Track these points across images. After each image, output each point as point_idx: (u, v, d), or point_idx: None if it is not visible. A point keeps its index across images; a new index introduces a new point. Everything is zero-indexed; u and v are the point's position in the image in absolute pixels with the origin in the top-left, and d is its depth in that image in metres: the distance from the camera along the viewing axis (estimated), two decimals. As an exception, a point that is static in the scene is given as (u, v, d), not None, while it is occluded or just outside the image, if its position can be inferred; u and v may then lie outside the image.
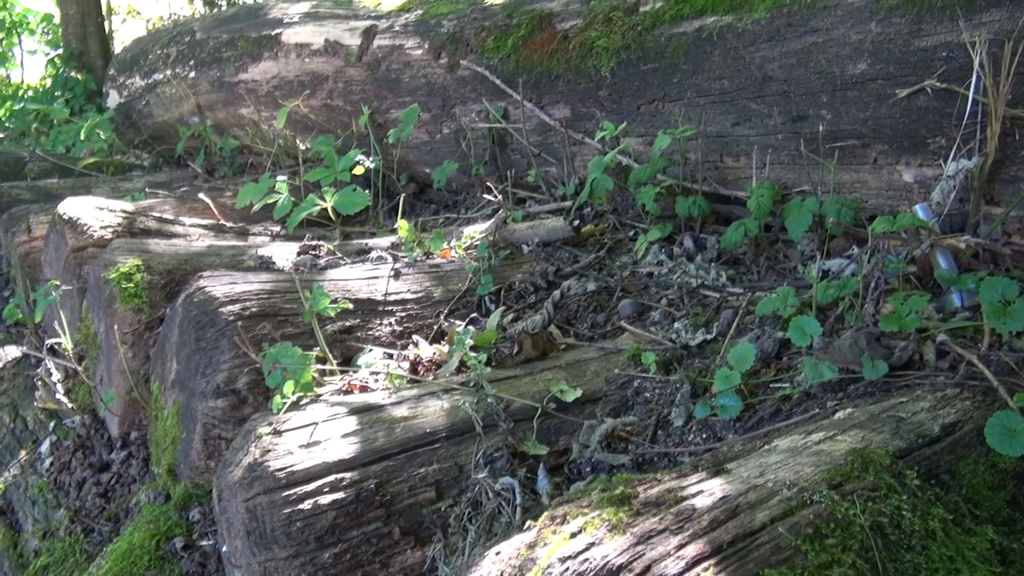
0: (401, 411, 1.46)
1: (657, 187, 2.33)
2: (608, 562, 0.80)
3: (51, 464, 2.25)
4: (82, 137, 5.38)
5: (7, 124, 8.53)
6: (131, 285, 2.20)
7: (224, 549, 1.51)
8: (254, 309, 1.83)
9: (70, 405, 1.97)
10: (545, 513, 0.96)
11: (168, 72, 4.99)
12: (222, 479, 1.41)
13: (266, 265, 2.46)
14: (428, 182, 3.98)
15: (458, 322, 2.02)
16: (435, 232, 2.36)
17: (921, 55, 1.91)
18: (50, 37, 10.67)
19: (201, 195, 3.67)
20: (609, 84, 2.83)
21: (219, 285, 1.88)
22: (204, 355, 1.78)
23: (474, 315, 2.07)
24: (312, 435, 1.36)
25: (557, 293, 2.00)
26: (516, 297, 2.16)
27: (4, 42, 11.10)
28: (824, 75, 2.13)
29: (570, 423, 1.54)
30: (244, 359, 1.76)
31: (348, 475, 1.31)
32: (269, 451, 1.33)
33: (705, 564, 0.80)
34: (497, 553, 0.94)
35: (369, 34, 3.97)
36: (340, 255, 2.54)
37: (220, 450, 1.77)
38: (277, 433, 1.36)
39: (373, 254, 2.53)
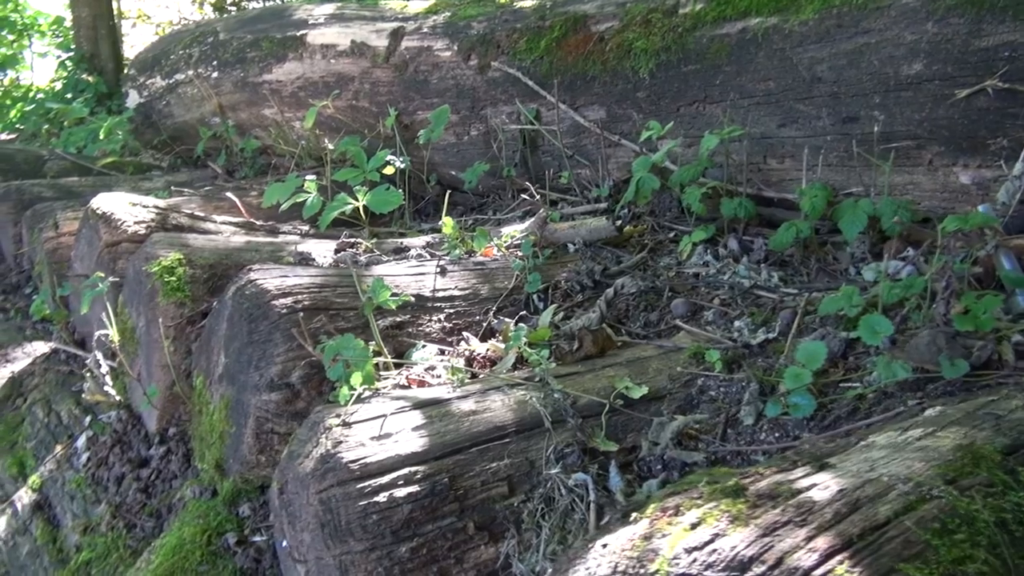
0: (468, 405, 1.43)
1: (703, 187, 2.31)
2: (738, 553, 0.78)
3: (88, 459, 2.22)
4: (101, 136, 5.37)
5: (18, 125, 8.52)
6: (173, 279, 2.17)
7: (284, 544, 1.48)
8: (306, 302, 1.81)
9: (117, 397, 1.94)
10: (652, 505, 0.93)
11: (190, 72, 4.98)
12: (288, 471, 1.38)
13: (306, 261, 2.44)
14: (454, 185, 3.96)
15: (507, 319, 2.00)
16: (479, 230, 2.34)
17: (981, 55, 1.89)
18: (61, 40, 10.66)
19: (228, 193, 3.65)
20: (648, 86, 2.82)
21: (270, 278, 1.86)
22: (257, 348, 1.75)
23: (523, 313, 2.05)
24: (382, 427, 1.34)
25: (610, 291, 1.98)
26: (563, 296, 2.14)
27: (15, 44, 11.10)
28: (877, 76, 2.12)
29: (636, 420, 1.51)
30: (298, 352, 1.74)
31: (421, 468, 1.28)
32: (341, 442, 1.30)
33: (839, 557, 0.77)
34: (604, 545, 0.92)
35: (397, 36, 3.96)
36: (379, 253, 2.52)
37: (272, 445, 1.74)
38: (346, 425, 1.34)
39: (412, 252, 2.51)
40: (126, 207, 2.82)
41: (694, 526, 0.83)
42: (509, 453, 1.37)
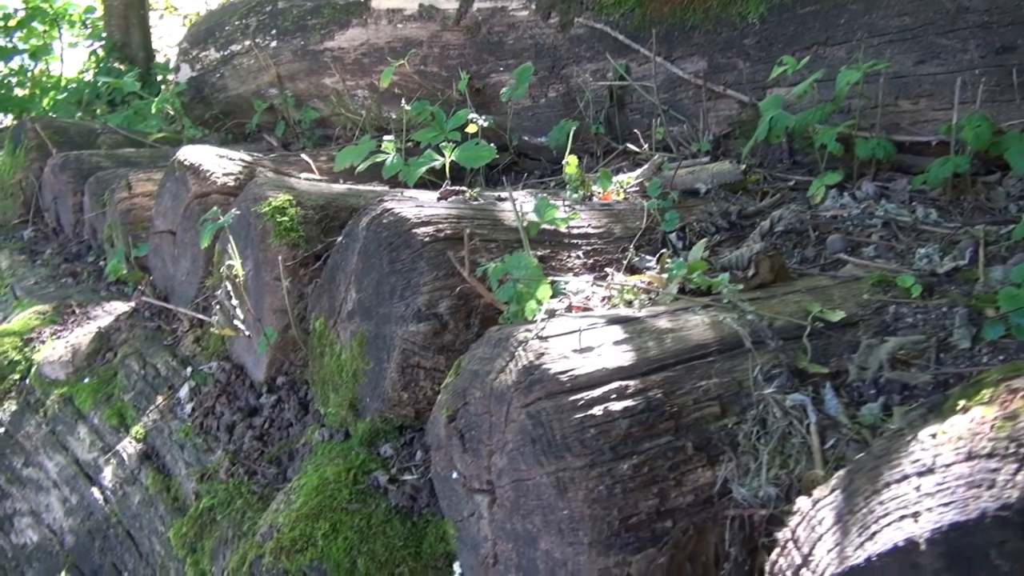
0: (663, 323, 1.31)
1: (838, 127, 2.18)
2: None
3: (193, 409, 2.12)
4: (153, 111, 5.30)
5: (51, 114, 8.47)
6: (286, 219, 2.07)
7: (454, 476, 1.37)
8: (448, 231, 1.69)
9: (247, 333, 1.84)
10: (984, 392, 0.81)
11: (247, 43, 4.89)
12: (472, 391, 1.26)
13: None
14: (525, 150, 3.85)
15: (649, 256, 1.88)
16: (602, 172, 2.23)
17: None
18: (90, 31, 10.63)
19: (303, 155, 3.55)
20: (758, 31, 2.69)
21: (407, 208, 1.75)
22: (400, 277, 1.64)
23: (663, 251, 1.93)
24: (580, 342, 1.22)
25: (765, 223, 1.86)
26: (697, 236, 2.02)
27: (45, 34, 11.08)
28: (1038, 1, 1.98)
29: (835, 345, 1.39)
30: (445, 283, 1.62)
31: (632, 383, 1.17)
32: (543, 354, 1.18)
33: None
34: (933, 436, 0.80)
35: (469, -4, 3.85)
36: (485, 201, 2.41)
37: (417, 380, 1.63)
38: (542, 339, 1.22)
39: (519, 196, 2.40)
40: (214, 159, 2.73)
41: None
42: (716, 372, 1.25)
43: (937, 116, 2.26)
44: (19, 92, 9.93)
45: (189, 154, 2.72)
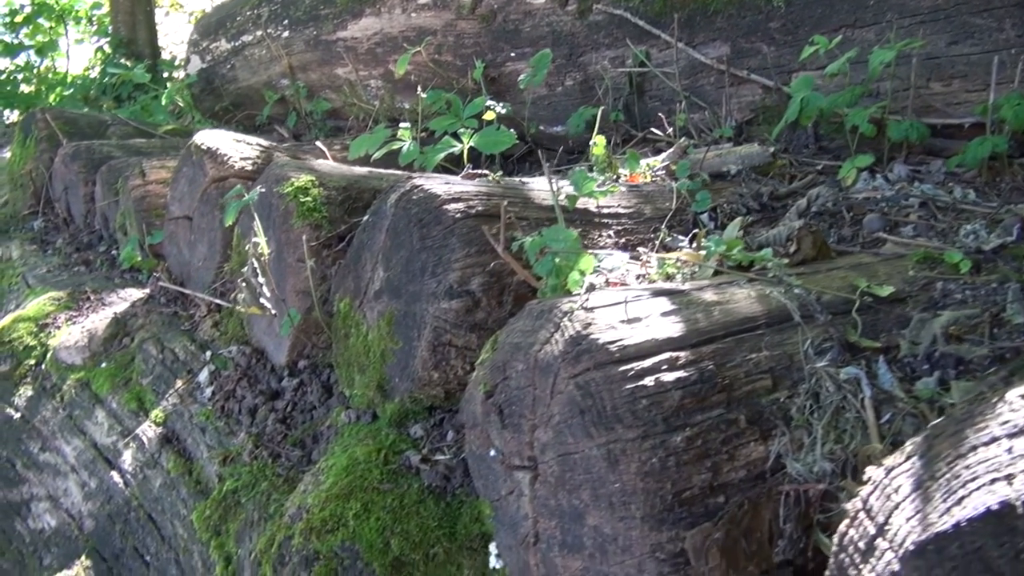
0: (709, 295, 1.28)
1: (870, 108, 2.13)
2: None
3: (213, 393, 2.08)
4: (163, 102, 5.26)
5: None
6: (308, 199, 2.03)
7: (492, 453, 1.33)
8: (479, 208, 1.66)
9: (273, 311, 1.80)
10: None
11: (259, 33, 4.86)
12: (514, 365, 1.23)
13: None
14: (540, 140, 3.81)
15: (681, 236, 1.84)
16: (630, 153, 2.19)
17: None
18: (96, 28, 10.60)
19: (318, 143, 3.52)
20: (783, 14, 2.65)
21: (436, 184, 1.71)
22: (431, 254, 1.60)
23: (695, 231, 1.89)
24: (627, 312, 1.18)
25: (802, 201, 1.82)
26: (728, 217, 1.98)
27: (52, 31, 11.05)
28: (1078, -22, 1.94)
29: (884, 320, 1.35)
30: (477, 259, 1.59)
31: (682, 354, 1.13)
32: (590, 324, 1.14)
33: None
34: (1022, 396, 0.76)
35: (485, -16, 3.81)
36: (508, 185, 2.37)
37: (448, 359, 1.59)
38: (587, 309, 1.18)
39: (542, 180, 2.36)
40: (231, 143, 2.69)
41: None
42: (766, 345, 1.21)
43: (970, 98, 2.22)
44: (25, 88, 9.91)
45: (206, 138, 2.69)
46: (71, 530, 2.01)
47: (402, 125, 3.35)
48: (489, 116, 3.26)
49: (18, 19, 10.45)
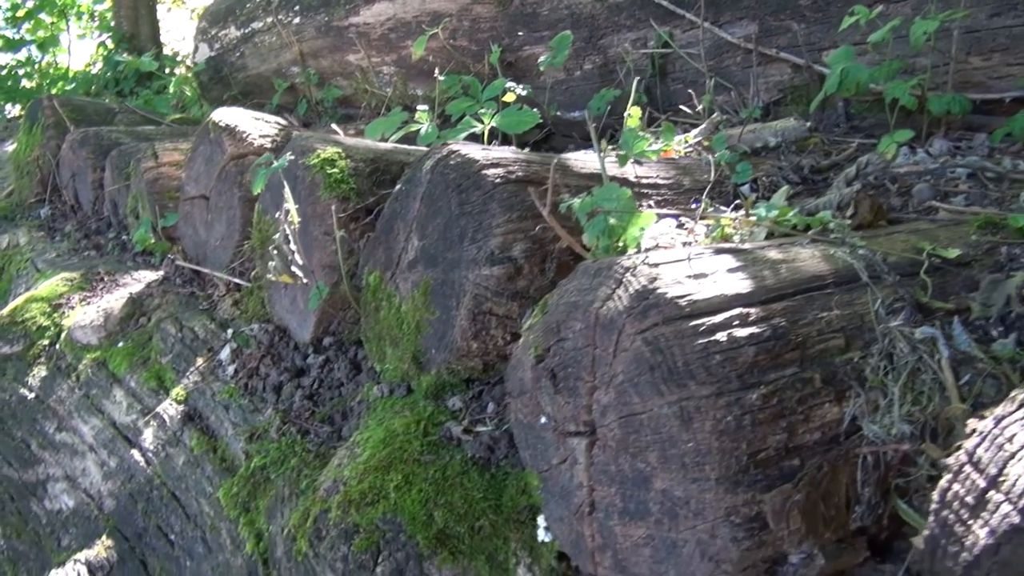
0: (773, 254, 1.22)
1: (910, 81, 2.08)
2: None
3: (236, 371, 2.02)
4: (171, 91, 5.21)
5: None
6: (336, 171, 1.97)
7: (543, 420, 1.27)
8: (519, 173, 1.60)
9: (304, 280, 1.74)
10: None
11: (269, 20, 4.80)
12: (571, 324, 1.17)
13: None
14: (557, 126, 3.75)
15: (723, 207, 1.79)
16: (665, 125, 2.13)
17: None
18: (98, 23, 10.54)
19: (333, 125, 3.47)
20: (814, -9, 2.59)
21: (474, 150, 1.65)
22: (471, 219, 1.54)
23: (736, 202, 1.83)
24: (691, 268, 1.13)
25: (851, 169, 1.76)
26: (768, 189, 1.92)
27: (53, 26, 10.98)
28: None
29: (951, 283, 1.30)
30: (518, 225, 1.53)
31: (753, 310, 1.07)
32: (656, 279, 1.09)
33: None
34: None
35: (502, -34, 3.75)
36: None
37: (488, 328, 1.53)
38: (650, 265, 1.12)
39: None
40: (250, 120, 2.64)
41: None
42: (837, 304, 1.15)
43: (1011, 72, 2.16)
44: (26, 84, 9.84)
45: (225, 115, 2.63)
46: (90, 510, 1.94)
47: (420, 108, 3.30)
48: (509, 97, 3.21)
49: (20, 14, 10.37)
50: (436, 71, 3.73)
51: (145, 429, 1.97)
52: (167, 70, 7.81)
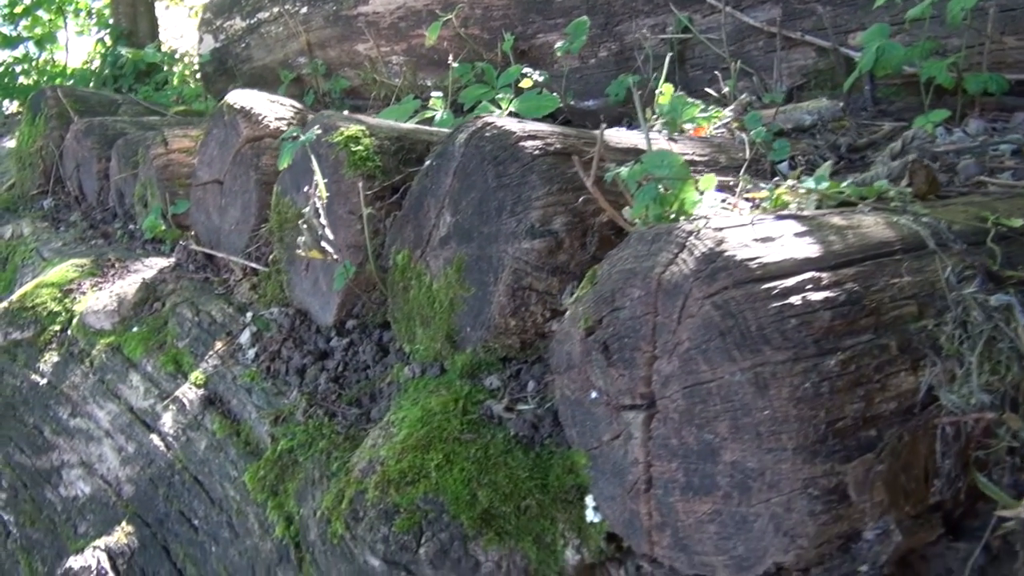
0: (837, 220, 1.17)
1: (946, 60, 2.04)
2: None
3: (257, 354, 1.97)
4: (174, 83, 5.14)
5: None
6: (360, 148, 1.92)
7: (593, 395, 1.22)
8: (557, 146, 1.55)
9: (334, 255, 1.68)
10: None
11: (275, 9, 4.74)
12: (633, 290, 1.12)
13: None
14: (571, 116, 3.70)
15: (763, 184, 1.74)
16: (693, 106, 2.08)
17: None
18: (95, 20, 10.45)
19: (346, 113, 3.41)
20: (841, -28, 2.55)
21: (509, 122, 1.60)
22: (510, 192, 1.49)
23: (775, 179, 1.79)
24: (757, 232, 1.08)
25: (896, 144, 1.72)
26: (806, 168, 1.88)
27: (51, 23, 10.89)
28: None
29: (1018, 253, 1.25)
30: (559, 198, 1.48)
31: (825, 275, 1.02)
32: (723, 242, 1.04)
33: None
34: None
35: (516, -47, 3.71)
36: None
37: (528, 305, 1.48)
38: (715, 229, 1.07)
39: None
40: (265, 103, 2.58)
41: None
42: (907, 270, 1.10)
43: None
44: (24, 80, 9.75)
45: (240, 98, 2.57)
46: (108, 496, 1.88)
47: (434, 94, 3.24)
48: (526, 83, 3.16)
49: (17, 10, 10.29)
50: (450, 58, 3.69)
51: (164, 413, 1.91)
52: (166, 67, 7.74)
